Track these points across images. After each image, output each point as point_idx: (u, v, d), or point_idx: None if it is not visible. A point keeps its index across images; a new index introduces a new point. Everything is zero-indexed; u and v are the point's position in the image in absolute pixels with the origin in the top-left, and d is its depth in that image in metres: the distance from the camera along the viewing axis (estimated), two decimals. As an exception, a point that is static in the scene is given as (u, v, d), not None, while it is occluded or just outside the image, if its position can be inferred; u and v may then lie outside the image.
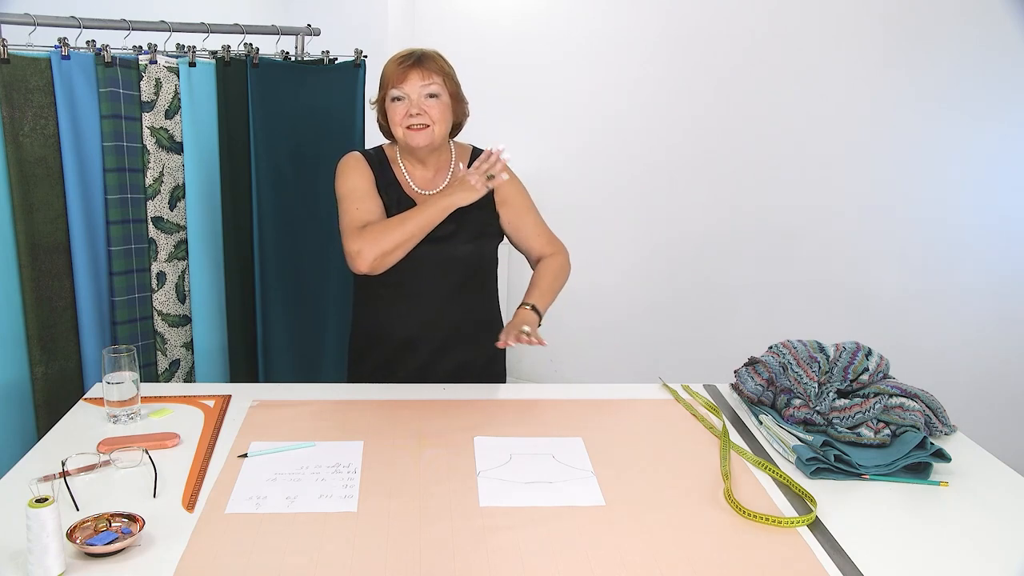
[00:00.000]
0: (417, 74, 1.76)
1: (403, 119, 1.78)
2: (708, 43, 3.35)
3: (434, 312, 1.86)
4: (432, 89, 1.78)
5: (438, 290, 1.85)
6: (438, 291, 1.85)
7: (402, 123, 1.78)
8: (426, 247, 1.80)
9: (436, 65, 1.79)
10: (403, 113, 1.78)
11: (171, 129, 2.24)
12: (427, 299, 1.85)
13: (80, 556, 1.15)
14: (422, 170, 1.88)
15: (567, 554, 1.20)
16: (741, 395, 1.77)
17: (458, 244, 1.84)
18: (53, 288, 2.09)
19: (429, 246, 1.80)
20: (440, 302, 1.86)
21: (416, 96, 1.77)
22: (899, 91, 3.07)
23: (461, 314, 1.88)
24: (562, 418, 1.68)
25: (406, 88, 1.77)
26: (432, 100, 1.78)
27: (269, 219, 2.37)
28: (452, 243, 1.83)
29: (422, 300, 1.85)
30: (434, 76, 1.78)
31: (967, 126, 3.00)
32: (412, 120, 1.77)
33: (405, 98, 1.77)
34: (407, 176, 1.88)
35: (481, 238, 1.88)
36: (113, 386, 1.58)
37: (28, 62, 1.99)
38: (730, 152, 3.39)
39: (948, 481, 1.45)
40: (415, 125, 1.78)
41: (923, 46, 3.01)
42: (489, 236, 1.91)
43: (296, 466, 1.44)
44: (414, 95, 1.77)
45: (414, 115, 1.77)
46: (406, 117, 1.77)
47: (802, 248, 3.33)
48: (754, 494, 1.39)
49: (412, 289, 1.84)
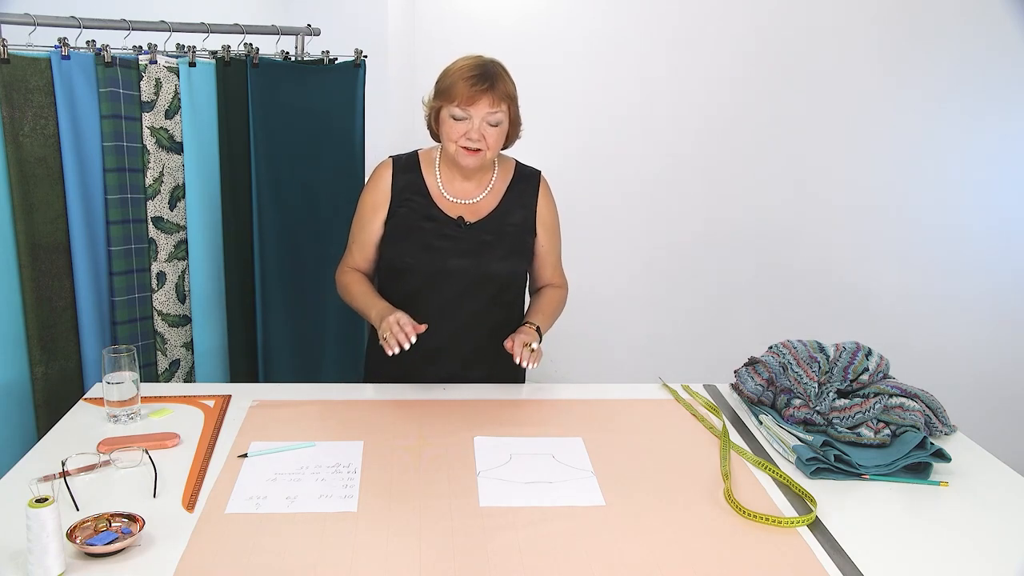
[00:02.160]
0: (487, 100, 1.70)
1: (460, 139, 1.73)
2: (709, 43, 3.35)
3: (461, 327, 1.82)
4: (497, 118, 1.73)
5: (468, 305, 1.82)
6: (467, 306, 1.82)
7: (458, 141, 1.73)
8: (461, 260, 1.78)
9: (505, 91, 1.73)
10: (461, 133, 1.72)
11: (171, 129, 2.24)
12: (454, 313, 1.81)
13: (80, 556, 1.15)
14: (461, 181, 1.84)
15: (567, 554, 1.20)
16: (741, 395, 1.77)
17: (494, 260, 1.81)
18: (53, 288, 2.09)
19: (465, 260, 1.78)
20: (468, 317, 1.82)
21: (479, 121, 1.71)
22: (899, 92, 3.07)
23: (487, 331, 1.84)
24: (562, 418, 1.68)
25: (472, 111, 1.70)
26: (493, 128, 1.73)
27: (269, 219, 2.37)
28: (488, 258, 1.80)
29: (449, 314, 1.81)
30: (502, 104, 1.72)
31: (967, 127, 3.01)
32: (470, 143, 1.73)
33: (468, 119, 1.71)
34: (441, 185, 1.84)
35: (517, 255, 1.86)
36: (113, 386, 1.58)
37: (28, 62, 1.99)
38: (730, 152, 3.39)
39: (948, 481, 1.45)
40: (471, 148, 1.73)
41: (923, 47, 3.02)
42: (524, 255, 1.88)
43: (296, 466, 1.44)
44: (477, 120, 1.71)
45: (474, 140, 1.72)
46: (463, 138, 1.72)
47: (802, 248, 3.33)
48: (754, 494, 1.39)
49: (441, 301, 1.80)
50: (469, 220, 1.82)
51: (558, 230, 1.95)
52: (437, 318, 1.77)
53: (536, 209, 1.88)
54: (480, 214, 1.84)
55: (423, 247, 1.80)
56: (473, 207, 1.84)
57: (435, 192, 1.84)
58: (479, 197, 1.85)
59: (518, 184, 1.88)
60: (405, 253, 1.81)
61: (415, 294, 1.81)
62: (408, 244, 1.81)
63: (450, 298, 1.81)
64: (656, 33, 3.44)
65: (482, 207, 1.84)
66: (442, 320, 1.80)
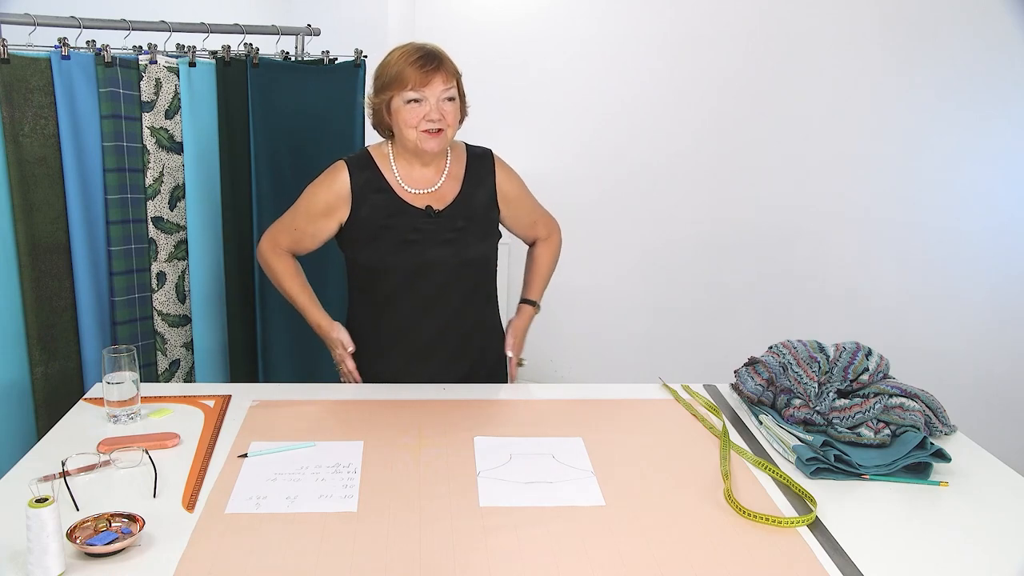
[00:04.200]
0: (440, 78, 1.71)
1: (420, 122, 1.73)
2: (709, 44, 3.35)
3: (445, 320, 1.81)
4: (451, 93, 1.74)
5: (450, 296, 1.81)
6: (449, 297, 1.81)
7: (418, 126, 1.73)
8: (441, 250, 1.77)
9: (452, 67, 1.75)
10: (420, 116, 1.72)
11: (171, 129, 2.24)
12: (437, 307, 1.81)
13: (80, 556, 1.15)
14: (420, 169, 1.83)
15: (567, 554, 1.20)
16: (741, 395, 1.77)
17: (471, 245, 1.81)
18: (53, 288, 2.09)
19: (444, 249, 1.78)
20: (451, 309, 1.81)
21: (436, 100, 1.72)
22: (899, 92, 3.07)
23: (473, 321, 1.85)
24: (562, 418, 1.68)
25: (427, 92, 1.70)
26: (449, 104, 1.74)
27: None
28: (464, 244, 1.80)
29: (432, 308, 1.80)
30: (452, 79, 1.74)
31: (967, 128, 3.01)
32: (431, 124, 1.72)
33: (424, 101, 1.71)
34: (399, 177, 1.82)
35: (490, 236, 1.87)
36: (113, 386, 1.58)
37: (28, 62, 1.99)
38: (731, 152, 3.39)
39: (948, 481, 1.45)
40: (432, 129, 1.73)
41: (924, 48, 3.02)
42: (494, 234, 1.89)
43: (296, 466, 1.44)
44: (434, 100, 1.71)
45: (434, 119, 1.72)
46: (424, 120, 1.72)
47: (803, 248, 3.33)
48: (754, 494, 1.39)
49: (422, 296, 1.79)
50: (437, 208, 1.82)
51: (526, 188, 1.95)
52: (420, 314, 1.79)
53: (496, 185, 1.88)
54: (445, 200, 1.83)
55: (399, 243, 1.78)
56: (436, 195, 1.83)
57: (396, 185, 1.82)
58: (439, 183, 1.83)
59: (473, 165, 1.88)
60: (383, 253, 1.78)
61: (396, 293, 1.80)
62: (383, 243, 1.78)
63: (431, 293, 1.80)
64: (655, 33, 3.44)
65: (446, 194, 1.83)
66: (425, 316, 1.80)
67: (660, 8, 3.41)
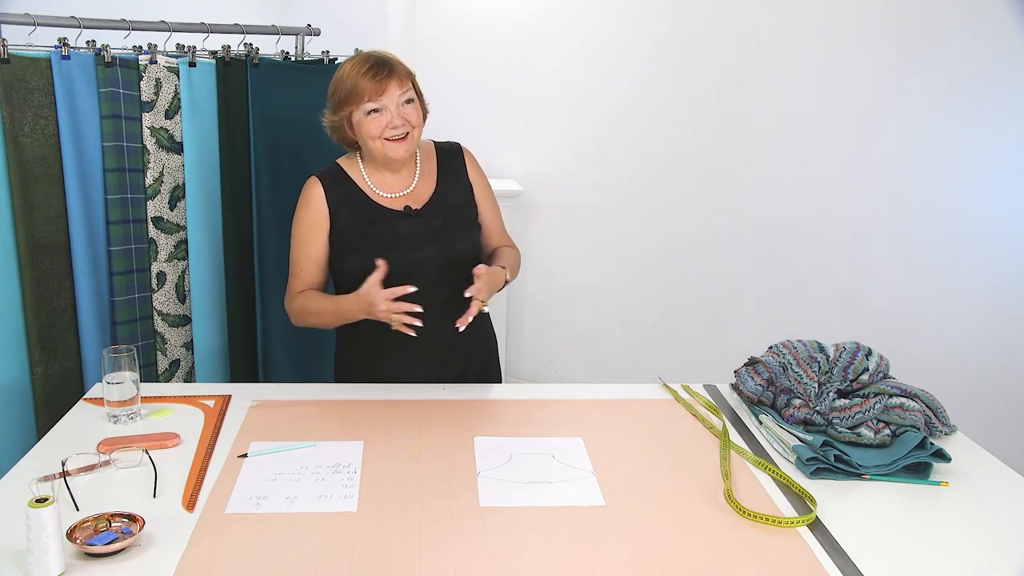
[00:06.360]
0: (395, 83, 1.71)
1: (383, 131, 1.73)
2: (709, 44, 3.35)
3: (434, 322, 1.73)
4: (409, 95, 1.74)
5: (438, 297, 1.76)
6: (438, 298, 1.76)
7: (382, 135, 1.73)
8: (426, 248, 1.77)
9: (404, 69, 1.75)
10: (383, 125, 1.72)
11: (171, 129, 2.24)
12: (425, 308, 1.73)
13: (80, 556, 1.15)
14: (390, 174, 1.83)
15: (567, 554, 1.20)
16: (741, 395, 1.77)
17: (453, 242, 1.80)
18: (53, 288, 2.09)
19: (429, 247, 1.77)
20: (439, 311, 1.75)
21: (395, 106, 1.72)
22: (899, 93, 3.08)
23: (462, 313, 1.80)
24: (562, 418, 1.68)
25: (385, 99, 1.71)
26: (409, 106, 1.74)
27: (269, 219, 2.37)
28: (447, 242, 1.80)
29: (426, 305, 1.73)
30: (407, 81, 1.74)
31: (968, 128, 3.01)
32: (395, 132, 1.73)
33: (384, 109, 1.71)
34: (371, 185, 1.82)
35: (469, 231, 1.87)
36: (113, 386, 1.58)
37: (28, 62, 1.99)
38: (731, 152, 3.39)
39: (948, 481, 1.45)
40: (397, 136, 1.73)
41: (923, 48, 3.02)
42: (474, 229, 1.89)
43: (296, 466, 1.44)
44: (393, 106, 1.71)
45: (397, 126, 1.72)
46: (387, 129, 1.72)
47: (803, 249, 3.33)
48: (754, 494, 1.39)
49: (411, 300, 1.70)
50: (415, 208, 1.82)
51: (493, 194, 1.96)
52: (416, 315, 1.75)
53: (470, 181, 1.89)
54: (422, 199, 1.83)
55: (385, 247, 1.76)
56: (412, 196, 1.83)
57: (371, 193, 1.82)
58: (413, 184, 1.84)
59: (445, 162, 1.89)
60: (370, 259, 1.71)
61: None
62: (368, 249, 1.75)
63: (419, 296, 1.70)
64: (655, 33, 3.44)
65: (421, 193, 1.84)
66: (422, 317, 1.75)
67: (660, 8, 3.42)
